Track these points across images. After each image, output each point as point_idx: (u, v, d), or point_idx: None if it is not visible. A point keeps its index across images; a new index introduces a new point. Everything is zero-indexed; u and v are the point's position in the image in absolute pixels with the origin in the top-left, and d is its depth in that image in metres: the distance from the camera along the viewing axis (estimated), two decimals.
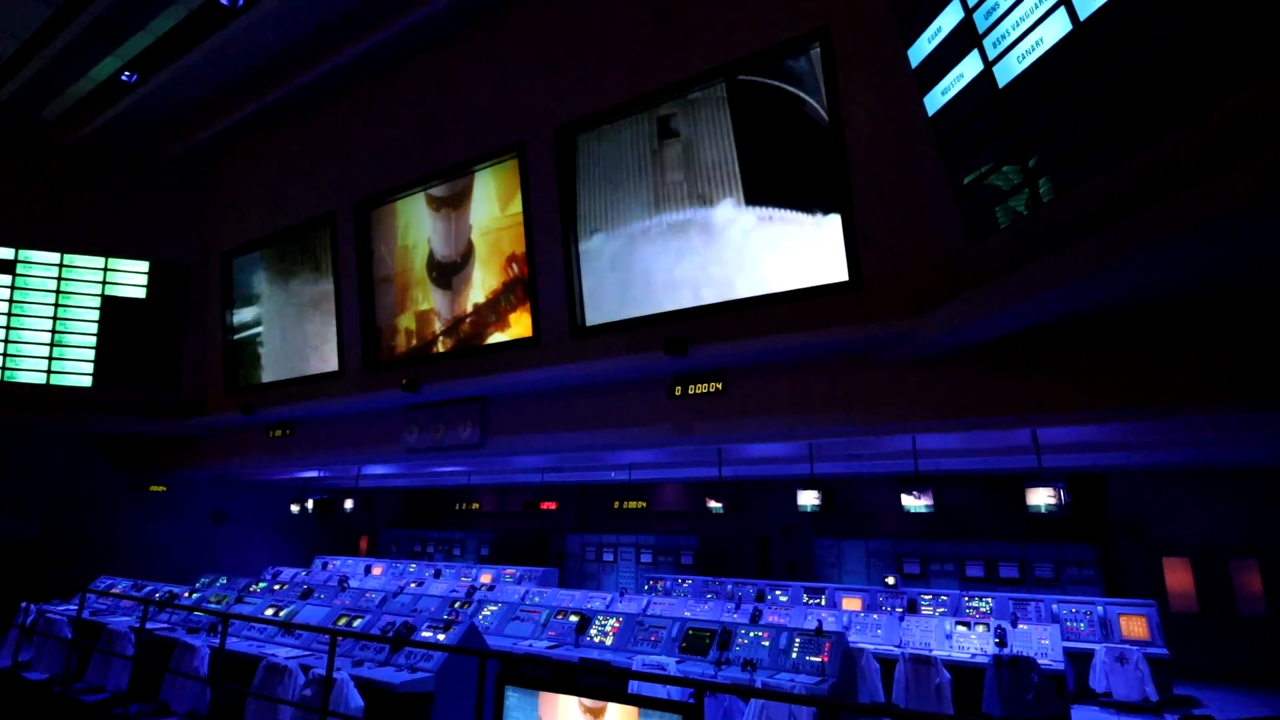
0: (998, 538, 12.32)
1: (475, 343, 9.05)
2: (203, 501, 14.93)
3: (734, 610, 9.35)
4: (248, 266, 11.90)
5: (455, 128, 9.19)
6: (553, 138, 8.19)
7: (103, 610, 8.90)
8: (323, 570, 14.58)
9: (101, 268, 11.98)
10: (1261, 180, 3.22)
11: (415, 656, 5.88)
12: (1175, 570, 10.70)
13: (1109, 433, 7.26)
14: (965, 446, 8.52)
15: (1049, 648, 7.53)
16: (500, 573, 13.39)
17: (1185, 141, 3.74)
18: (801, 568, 13.85)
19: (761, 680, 6.17)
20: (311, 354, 10.90)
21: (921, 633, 8.24)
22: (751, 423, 7.13)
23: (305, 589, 9.85)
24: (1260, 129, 3.37)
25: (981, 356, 5.98)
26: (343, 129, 10.48)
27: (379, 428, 10.33)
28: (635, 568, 15.21)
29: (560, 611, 8.11)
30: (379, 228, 10.10)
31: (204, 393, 12.39)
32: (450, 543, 17.81)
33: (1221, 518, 10.54)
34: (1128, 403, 5.40)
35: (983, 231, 5.24)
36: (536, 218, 8.40)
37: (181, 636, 6.92)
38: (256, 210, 11.61)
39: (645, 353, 7.39)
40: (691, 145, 7.37)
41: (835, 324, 6.41)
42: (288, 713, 5.27)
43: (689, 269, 7.42)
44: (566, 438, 8.44)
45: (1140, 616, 8.58)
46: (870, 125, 6.27)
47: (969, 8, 4.94)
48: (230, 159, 12.13)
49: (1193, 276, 4.57)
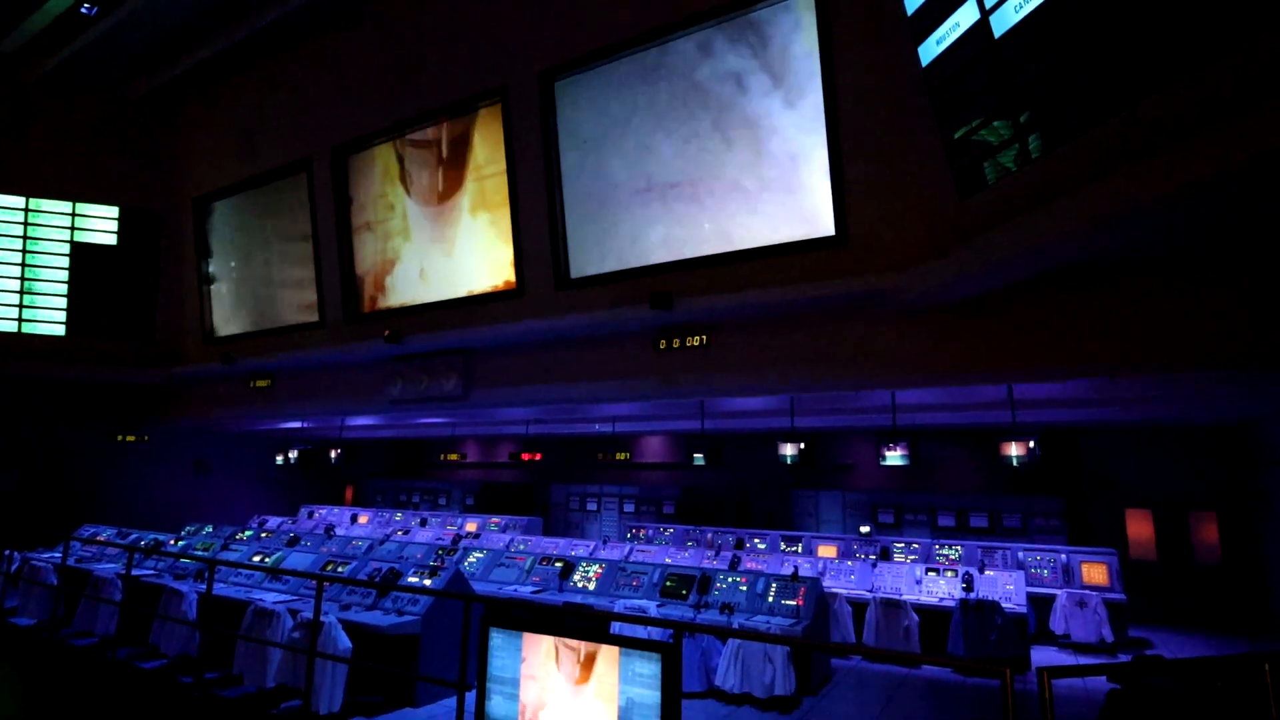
0: (970, 489, 12.70)
1: (459, 294, 8.98)
2: (186, 452, 14.88)
3: (714, 557, 9.61)
4: (222, 213, 11.60)
5: (436, 71, 8.90)
6: (536, 82, 7.98)
7: (88, 558, 8.94)
8: (309, 519, 14.71)
9: (70, 213, 11.63)
10: (1245, 143, 3.24)
11: (402, 601, 6.01)
12: (1137, 521, 11.13)
13: (1082, 389, 7.44)
14: (943, 401, 8.69)
15: (1013, 592, 7.86)
16: (485, 521, 13.59)
17: (1173, 100, 3.73)
18: (780, 518, 14.20)
19: (739, 622, 6.40)
20: (291, 304, 10.75)
21: (893, 578, 8.55)
22: (735, 376, 7.20)
23: (292, 537, 9.95)
24: (1249, 88, 3.37)
25: (966, 312, 6.05)
26: (319, 70, 10.09)
27: (362, 379, 10.29)
28: (618, 517, 15.51)
29: (544, 558, 8.29)
30: (358, 174, 9.86)
31: (181, 343, 12.22)
32: (436, 493, 17.99)
33: (1184, 472, 10.92)
34: (1106, 360, 5.52)
35: (971, 187, 5.24)
36: (520, 166, 8.25)
37: (169, 583, 7.00)
38: (230, 155, 11.25)
39: (630, 306, 7.39)
40: (682, 92, 7.22)
41: (820, 279, 6.44)
42: (277, 654, 5.40)
43: (676, 222, 7.36)
44: (551, 390, 8.48)
45: (1101, 564, 8.96)
46: (862, 77, 6.18)
47: None
48: (202, 100, 11.67)
49: (1172, 238, 4.63)
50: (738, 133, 6.94)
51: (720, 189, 7.09)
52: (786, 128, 6.66)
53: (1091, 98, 4.18)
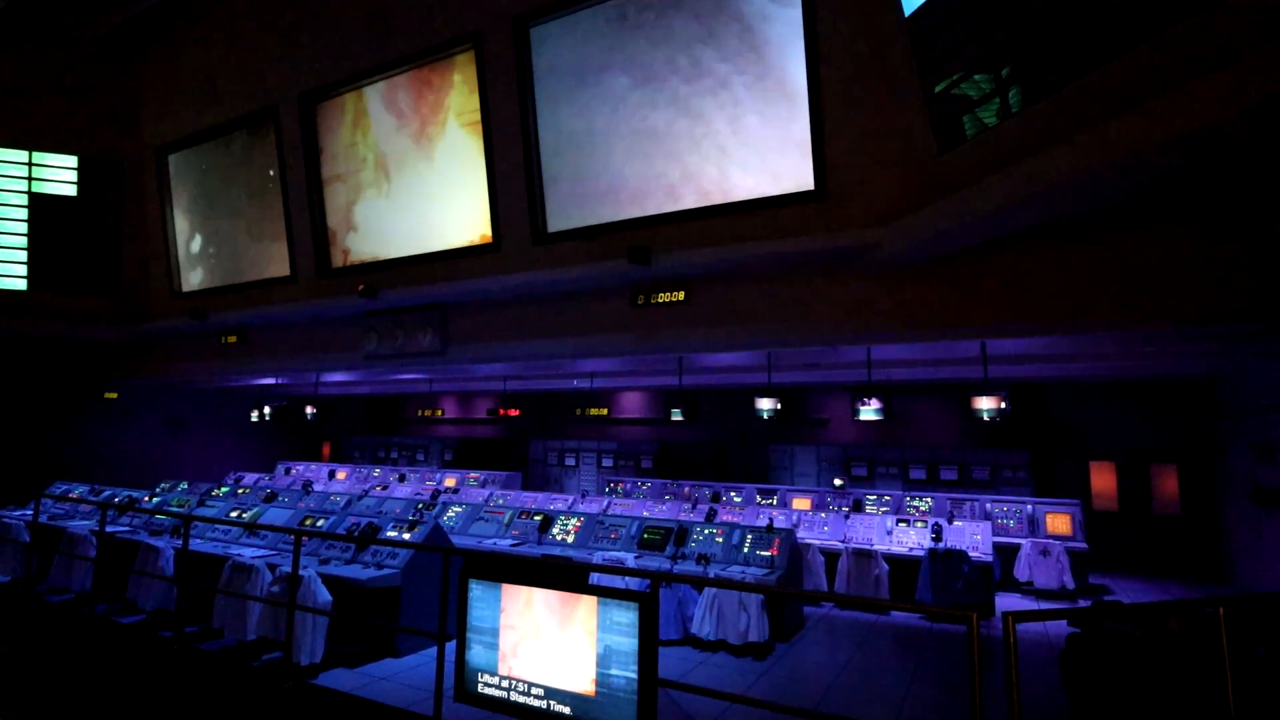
0: (941, 443, 13.00)
1: (434, 248, 8.81)
2: (159, 409, 14.68)
3: (690, 510, 9.78)
4: (187, 162, 11.18)
5: (407, 15, 8.54)
6: (511, 27, 7.70)
7: (60, 515, 8.86)
8: (286, 476, 14.66)
9: (26, 162, 11.16)
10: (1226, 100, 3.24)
11: (381, 555, 6.05)
12: (1101, 473, 11.51)
13: (1051, 345, 7.56)
14: (917, 357, 8.80)
15: (980, 542, 8.13)
16: (464, 477, 13.65)
17: (1155, 54, 3.70)
18: (756, 472, 14.45)
19: (714, 572, 6.56)
20: (262, 258, 10.49)
21: (865, 530, 8.79)
22: (713, 332, 7.21)
23: (269, 493, 9.93)
24: (1228, 43, 3.35)
25: (944, 268, 6.07)
26: (286, 13, 9.62)
27: (337, 334, 10.15)
28: (597, 472, 15.67)
29: (523, 512, 8.37)
30: (327, 123, 9.53)
31: (149, 298, 11.91)
32: (414, 448, 17.99)
33: (1147, 426, 11.26)
34: (1082, 316, 5.59)
35: (951, 141, 5.20)
36: (494, 116, 8.02)
37: (144, 539, 6.97)
38: (194, 102, 10.77)
39: (608, 261, 7.32)
40: (660, 42, 7.01)
41: (800, 234, 6.40)
42: (257, 608, 5.43)
43: (655, 176, 7.24)
44: (528, 345, 8.43)
45: (1065, 514, 9.27)
46: (843, 27, 6.03)
47: None
48: (162, 45, 11.11)
49: (1146, 194, 4.66)
50: (717, 84, 6.78)
51: (699, 142, 6.96)
52: (766, 80, 6.52)
53: (1072, 51, 4.14)
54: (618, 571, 4.48)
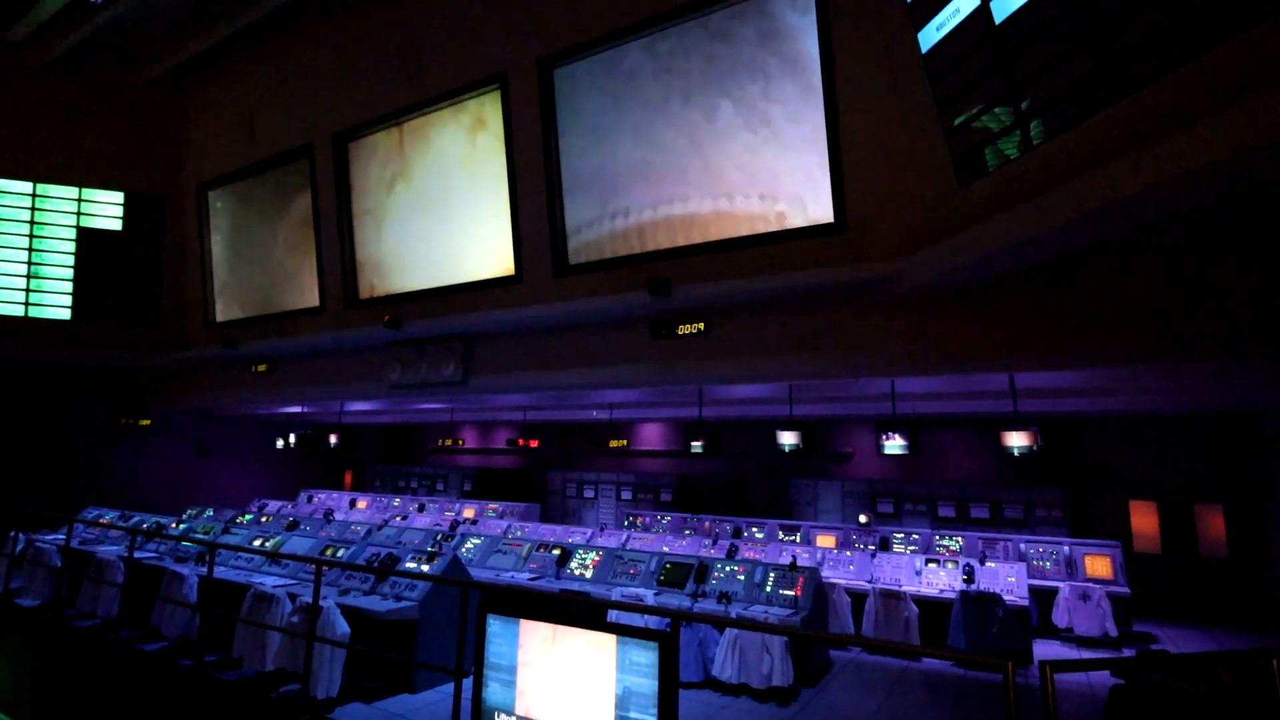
0: (971, 479, 12.66)
1: (458, 280, 8.94)
2: (188, 435, 14.95)
3: (711, 546, 9.62)
4: (225, 198, 11.57)
5: (435, 56, 8.82)
6: (535, 69, 7.90)
7: (91, 540, 9.00)
8: (308, 503, 14.78)
9: (76, 199, 11.64)
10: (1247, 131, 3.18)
11: (400, 586, 6.02)
12: (1141, 512, 11.08)
13: (1084, 379, 7.37)
14: (943, 389, 8.63)
15: (1015, 585, 7.84)
16: (483, 508, 13.63)
17: (1178, 86, 3.66)
18: (778, 506, 14.20)
19: (736, 612, 6.40)
20: (293, 289, 10.74)
21: (893, 569, 8.54)
22: (733, 364, 7.16)
23: (291, 521, 10.00)
24: (1255, 74, 3.29)
25: (966, 300, 5.98)
26: (321, 57, 10.02)
27: (362, 364, 10.30)
28: (616, 504, 15.54)
29: (542, 545, 8.30)
30: (359, 161, 9.81)
31: (184, 327, 12.24)
32: (434, 478, 18.05)
33: (1189, 463, 10.85)
34: (1111, 349, 5.45)
35: (971, 174, 5.17)
36: (519, 152, 8.18)
37: (170, 565, 7.04)
38: (233, 140, 11.20)
39: (629, 292, 7.35)
40: (680, 78, 7.13)
41: (820, 266, 6.37)
42: (276, 638, 5.42)
43: (675, 209, 7.30)
44: (549, 376, 8.46)
45: (1104, 556, 8.92)
46: (862, 63, 6.08)
47: None
48: (205, 86, 11.62)
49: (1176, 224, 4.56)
50: (736, 120, 6.86)
51: (719, 175, 7.02)
52: (785, 114, 6.57)
53: (1094, 84, 4.11)
54: (637, 609, 4.39)
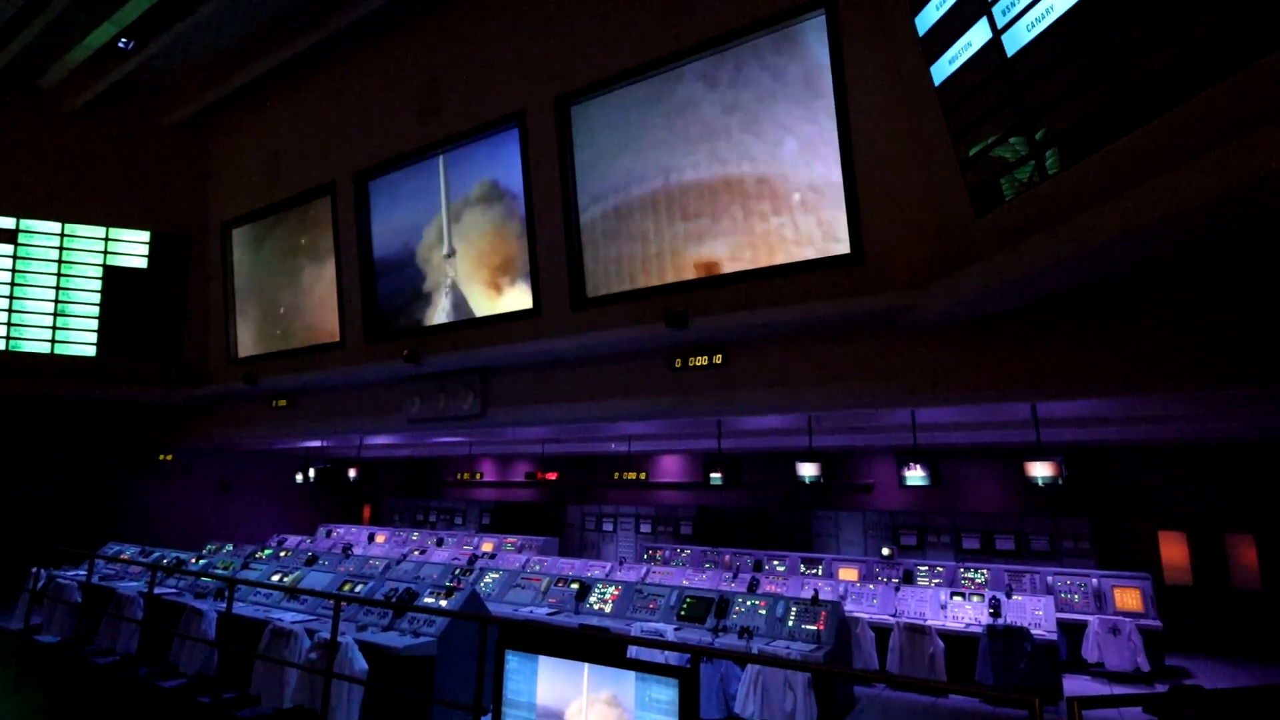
0: (995, 510, 12.43)
1: (476, 314, 9.05)
2: (208, 470, 15.09)
3: (731, 580, 9.48)
4: (249, 236, 11.85)
5: (453, 95, 9.06)
6: (553, 106, 8.09)
7: (111, 575, 9.05)
8: (327, 538, 14.78)
9: (103, 238, 11.96)
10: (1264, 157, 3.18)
11: (418, 622, 5.98)
12: (1170, 543, 10.80)
13: (1109, 407, 7.28)
14: (965, 420, 8.55)
15: (1043, 618, 7.64)
16: (501, 541, 13.56)
17: (1191, 115, 3.68)
18: (799, 539, 14.00)
19: (758, 647, 6.28)
20: (313, 324, 10.91)
21: (917, 603, 8.36)
22: (751, 395, 7.15)
23: (310, 556, 10.00)
24: (1270, 103, 3.31)
25: (984, 330, 5.96)
26: (342, 97, 10.34)
27: (381, 398, 10.39)
28: (635, 538, 15.39)
29: (560, 579, 8.23)
30: (378, 196, 10.03)
31: (207, 363, 12.44)
32: (452, 512, 18.01)
33: (1218, 492, 10.60)
34: (1130, 378, 5.40)
35: (987, 204, 5.19)
36: (536, 187, 8.34)
37: (189, 601, 7.05)
38: (256, 179, 11.53)
39: (646, 325, 7.39)
40: (696, 113, 7.27)
41: (837, 297, 6.39)
42: (294, 674, 5.39)
43: (692, 241, 7.38)
44: (567, 408, 8.48)
45: (1134, 589, 8.68)
46: (875, 96, 6.18)
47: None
48: (229, 127, 12.01)
49: (1189, 253, 4.54)
50: (752, 153, 6.96)
51: (735, 208, 7.10)
52: (800, 147, 6.66)
53: (1107, 114, 4.14)
54: (657, 645, 4.33)
